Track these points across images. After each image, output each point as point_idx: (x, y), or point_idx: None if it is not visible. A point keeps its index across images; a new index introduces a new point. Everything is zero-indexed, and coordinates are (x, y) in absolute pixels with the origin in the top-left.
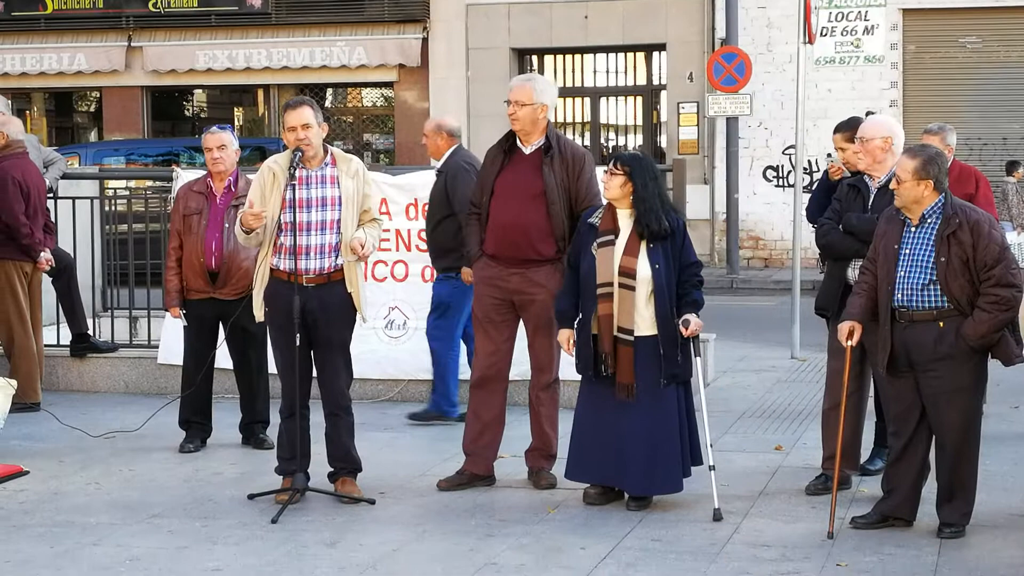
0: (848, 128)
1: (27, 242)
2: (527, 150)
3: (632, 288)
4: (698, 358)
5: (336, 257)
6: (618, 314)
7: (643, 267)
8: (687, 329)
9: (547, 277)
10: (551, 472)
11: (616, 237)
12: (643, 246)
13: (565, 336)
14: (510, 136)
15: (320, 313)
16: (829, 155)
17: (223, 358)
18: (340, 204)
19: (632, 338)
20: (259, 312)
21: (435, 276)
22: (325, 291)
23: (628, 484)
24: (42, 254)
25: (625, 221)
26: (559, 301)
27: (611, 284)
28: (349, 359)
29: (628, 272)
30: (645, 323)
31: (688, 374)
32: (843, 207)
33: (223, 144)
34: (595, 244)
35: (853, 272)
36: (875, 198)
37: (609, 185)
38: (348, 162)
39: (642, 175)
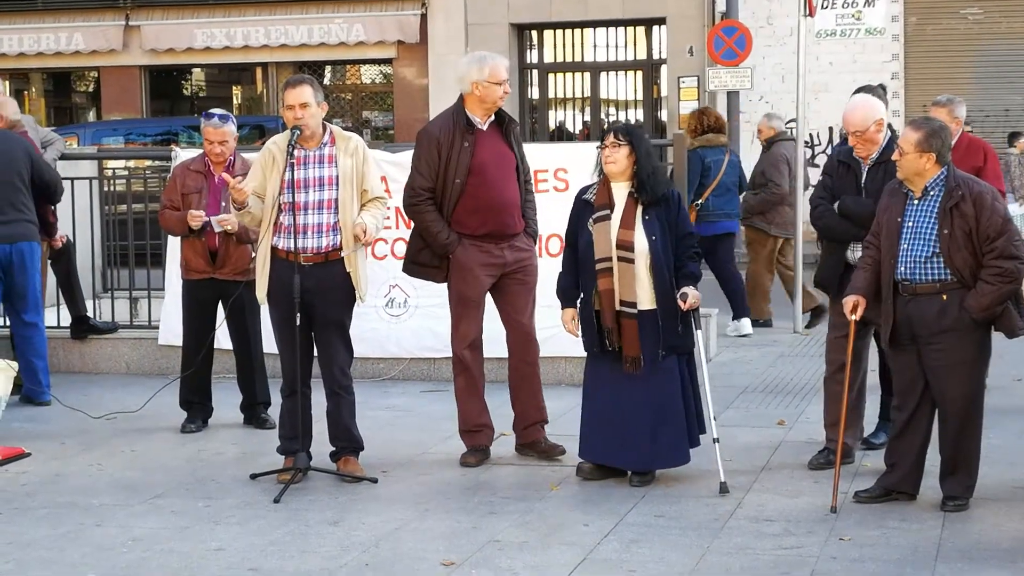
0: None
1: None
2: (484, 126)
3: (631, 261)
4: (699, 331)
5: (335, 236)
6: (619, 287)
7: (640, 239)
8: (685, 302)
9: (528, 242)
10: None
11: (612, 212)
12: (639, 219)
13: (569, 316)
14: (460, 113)
15: (318, 292)
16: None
17: (223, 338)
18: (337, 184)
19: (635, 311)
20: (262, 292)
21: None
22: (323, 270)
23: (634, 459)
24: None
25: (620, 194)
26: (561, 280)
27: (609, 259)
28: (348, 339)
29: (626, 245)
30: (647, 296)
31: (689, 346)
32: (835, 183)
33: (225, 139)
34: (591, 220)
35: (853, 254)
36: (867, 175)
37: (615, 158)
38: (347, 140)
39: (641, 142)
